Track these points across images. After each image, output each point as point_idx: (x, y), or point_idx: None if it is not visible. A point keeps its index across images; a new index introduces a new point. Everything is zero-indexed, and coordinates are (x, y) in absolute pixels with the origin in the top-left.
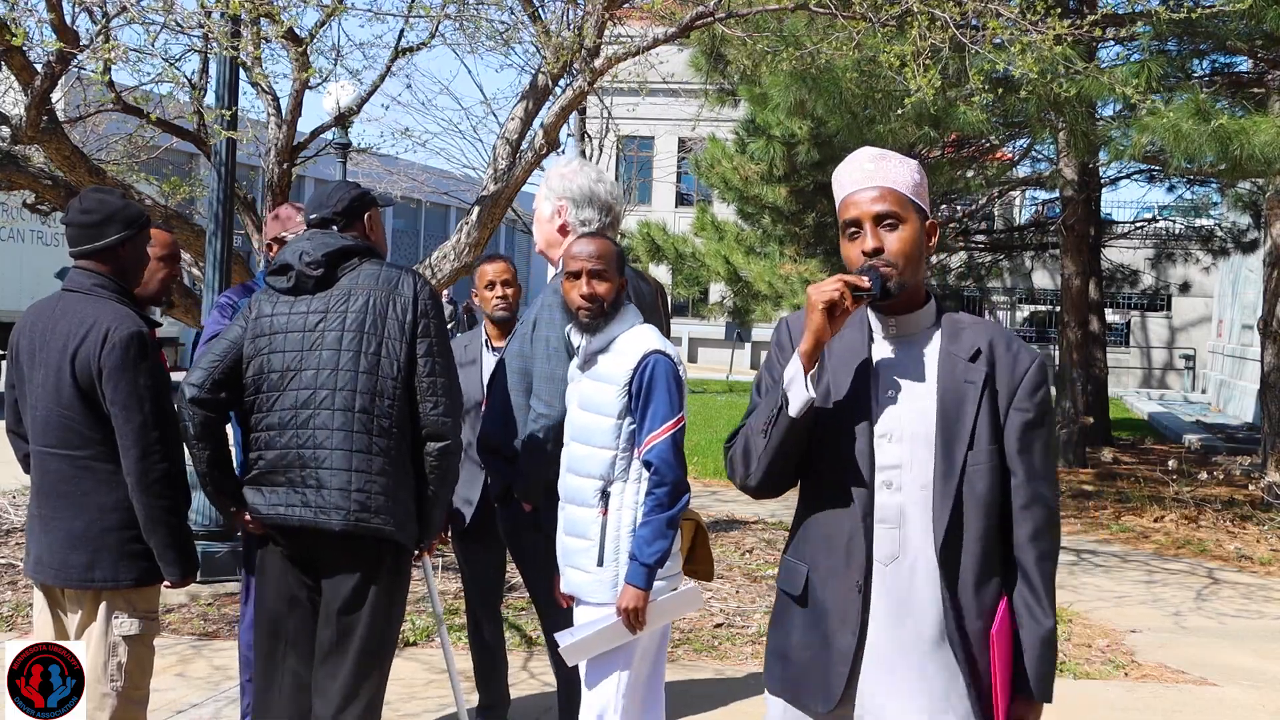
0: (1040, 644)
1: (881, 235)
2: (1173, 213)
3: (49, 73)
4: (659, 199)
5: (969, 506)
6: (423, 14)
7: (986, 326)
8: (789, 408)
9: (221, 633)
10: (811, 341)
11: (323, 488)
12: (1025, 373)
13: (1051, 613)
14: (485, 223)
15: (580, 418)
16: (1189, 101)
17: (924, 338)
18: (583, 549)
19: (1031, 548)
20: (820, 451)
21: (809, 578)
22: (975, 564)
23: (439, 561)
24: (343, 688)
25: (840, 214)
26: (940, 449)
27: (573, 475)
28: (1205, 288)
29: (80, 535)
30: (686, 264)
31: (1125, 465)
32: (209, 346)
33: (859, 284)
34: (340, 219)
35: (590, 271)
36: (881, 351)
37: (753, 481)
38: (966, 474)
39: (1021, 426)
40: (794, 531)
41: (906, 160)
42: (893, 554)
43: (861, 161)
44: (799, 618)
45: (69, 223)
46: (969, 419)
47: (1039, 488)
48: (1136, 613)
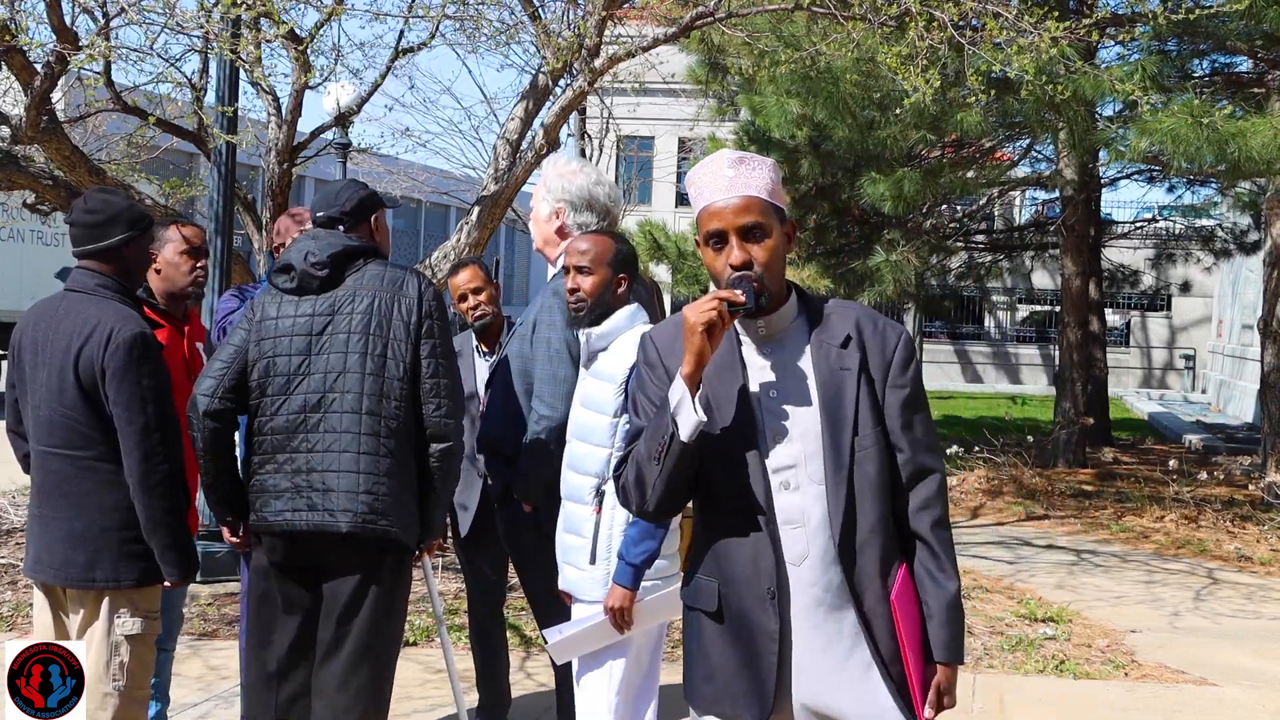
0: (946, 607)
1: (748, 248)
2: (1173, 213)
3: (49, 73)
4: (659, 199)
5: (862, 491)
6: (422, 15)
7: (850, 309)
8: (679, 433)
9: (220, 633)
10: (694, 364)
11: (330, 490)
12: (895, 349)
13: (955, 575)
14: (485, 223)
15: (581, 415)
16: (1185, 105)
17: (793, 332)
18: (578, 546)
19: (925, 515)
20: (712, 465)
21: (721, 592)
22: (875, 546)
23: (439, 562)
24: (345, 690)
25: (701, 224)
26: (828, 440)
27: (572, 472)
28: (1205, 288)
29: (81, 535)
30: (687, 263)
31: (1125, 465)
32: (215, 355)
33: (734, 299)
34: (347, 219)
35: (577, 267)
36: (753, 355)
37: (650, 507)
38: (856, 459)
39: (900, 404)
40: (698, 548)
41: (764, 161)
42: (802, 553)
43: (720, 167)
44: (716, 632)
45: (73, 222)
46: (850, 405)
47: (925, 460)
48: (1136, 613)
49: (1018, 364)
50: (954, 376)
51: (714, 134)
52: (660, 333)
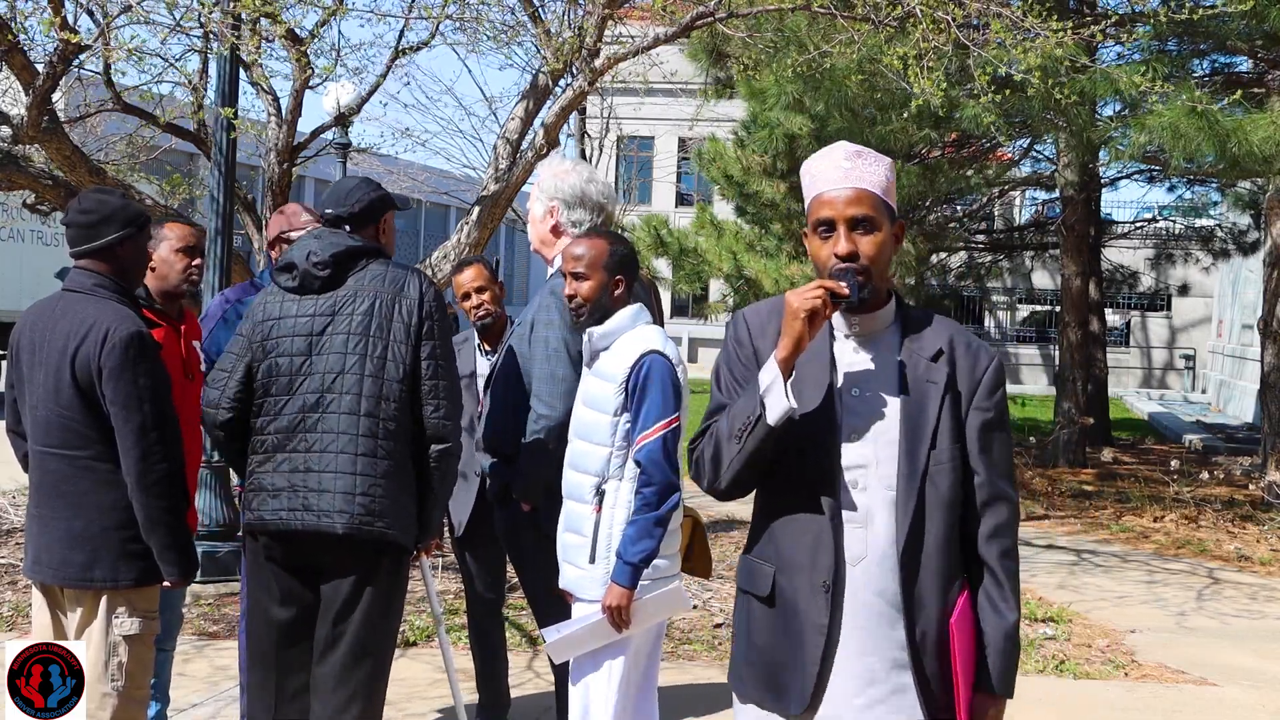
0: (1003, 638)
1: (856, 239)
2: (1173, 213)
3: (50, 72)
4: (659, 199)
5: (932, 505)
6: (423, 15)
7: (946, 325)
8: (767, 416)
9: (222, 633)
10: (791, 349)
11: (325, 491)
12: (985, 373)
13: (1016, 607)
14: (485, 222)
15: (583, 414)
16: (1185, 99)
17: (885, 336)
18: (578, 545)
19: (995, 544)
20: (786, 451)
21: (776, 578)
22: (938, 563)
23: (439, 562)
24: (342, 688)
25: (811, 211)
26: (904, 448)
27: (573, 471)
28: (1205, 288)
29: (80, 535)
30: (689, 259)
31: (1125, 465)
32: (219, 364)
33: (838, 290)
34: (355, 220)
35: (572, 273)
36: (843, 351)
37: (722, 485)
38: (929, 473)
39: (982, 426)
40: (756, 531)
41: (881, 158)
42: (860, 554)
43: (837, 159)
44: (766, 618)
45: (68, 223)
46: (931, 419)
47: (1001, 486)
48: (1136, 613)
49: (1018, 364)
50: None
51: (714, 134)
52: (753, 313)
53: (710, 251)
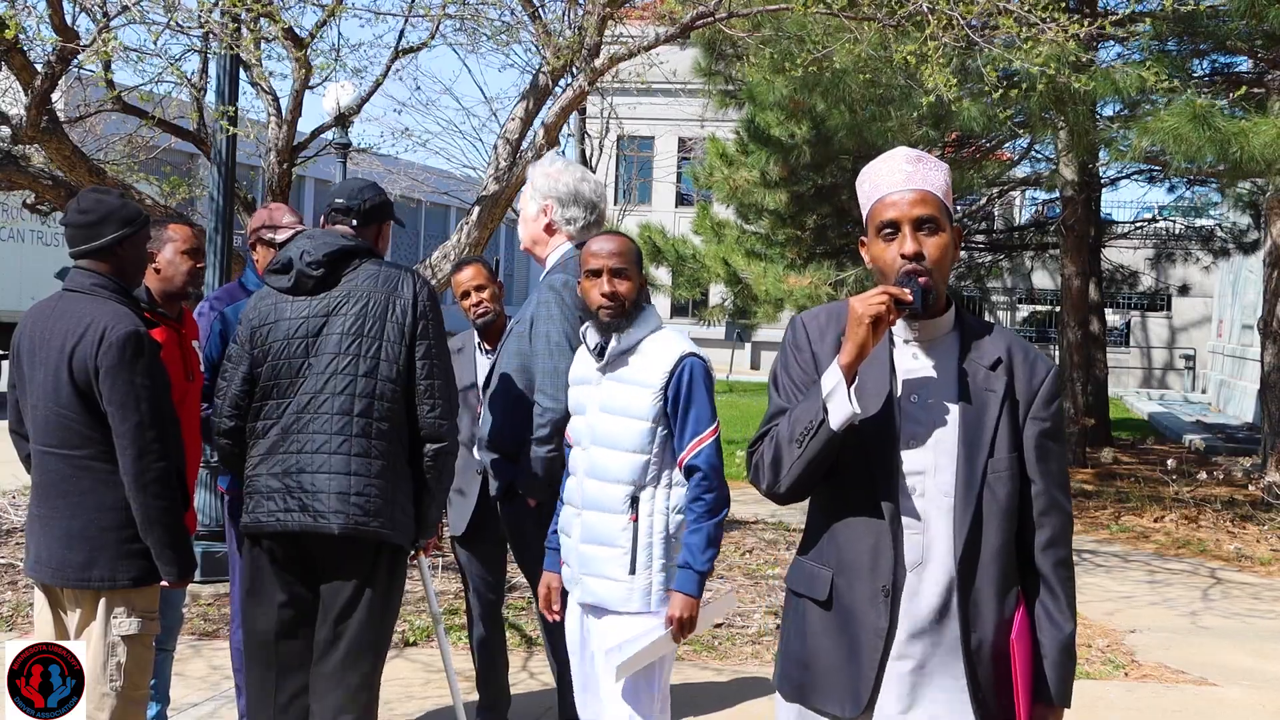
0: (1060, 649)
1: (922, 240)
2: (1173, 213)
3: (49, 72)
4: (659, 199)
5: (989, 514)
6: (422, 14)
7: (1003, 334)
8: (830, 420)
9: (220, 632)
10: (855, 354)
11: (320, 492)
12: (1042, 383)
13: (1072, 618)
14: (485, 223)
15: (603, 422)
16: (1185, 104)
17: (945, 343)
18: (610, 557)
19: (1051, 554)
20: (845, 456)
21: (834, 582)
22: (994, 571)
23: (439, 562)
24: (340, 688)
25: (874, 215)
26: (962, 456)
27: (595, 481)
28: (1205, 288)
29: (79, 534)
30: (687, 266)
31: (1125, 465)
32: (220, 374)
33: (902, 297)
34: (361, 216)
35: (612, 270)
36: (903, 356)
37: (781, 489)
38: (988, 481)
39: (1039, 436)
40: (812, 535)
41: (940, 164)
42: (917, 560)
43: (899, 162)
44: (822, 622)
45: (67, 223)
46: (990, 427)
47: (1057, 496)
48: (1136, 613)
49: None
50: None
51: (714, 134)
52: (811, 318)
53: (709, 257)
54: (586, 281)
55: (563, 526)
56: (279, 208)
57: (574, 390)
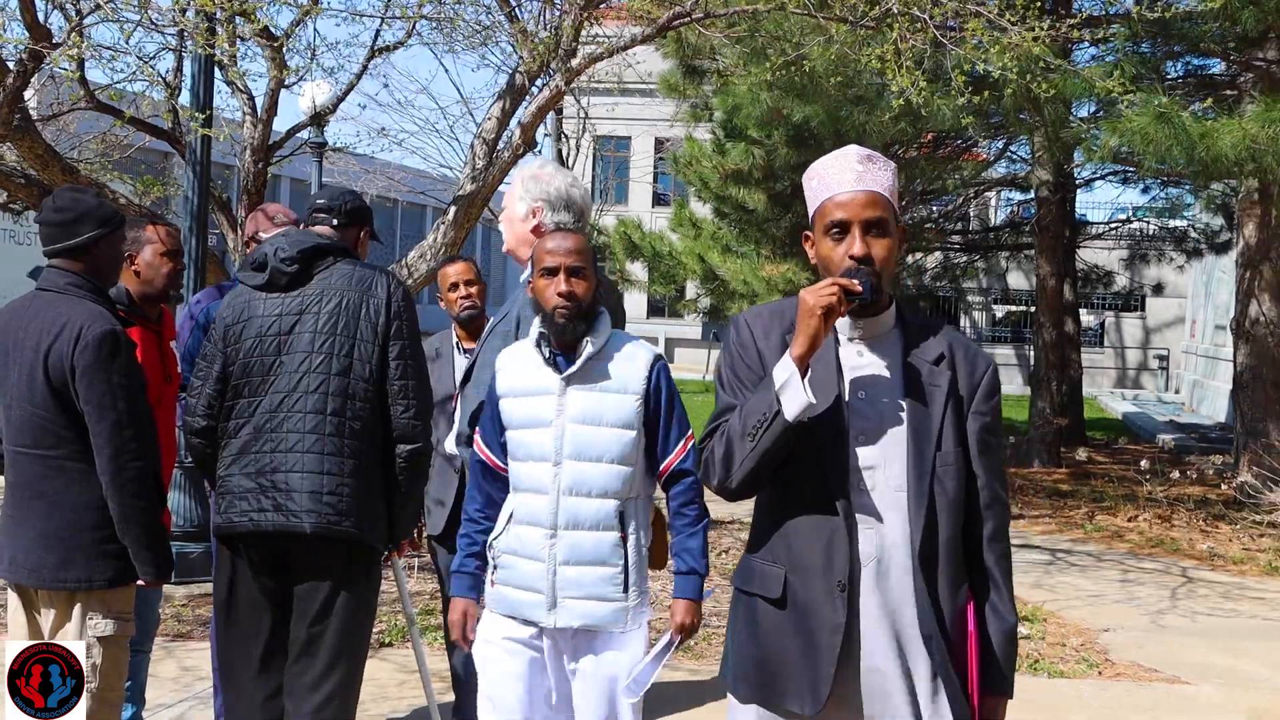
0: (1006, 640)
1: (870, 242)
2: (1146, 214)
3: (21, 70)
4: (635, 199)
5: (941, 507)
6: (399, 15)
7: (945, 331)
8: (785, 411)
9: (194, 634)
10: (807, 346)
11: (293, 491)
12: (982, 378)
13: (1014, 609)
14: (462, 222)
15: (581, 434)
16: (1150, 105)
17: (887, 340)
18: (604, 577)
19: (995, 547)
20: (795, 453)
21: (788, 579)
22: (948, 564)
23: (415, 563)
24: (316, 690)
25: (824, 213)
26: (912, 450)
27: (577, 498)
28: (1179, 288)
29: (54, 535)
30: (663, 262)
31: (1100, 465)
32: (195, 373)
33: (851, 288)
34: (343, 218)
35: (569, 269)
36: (848, 354)
37: (733, 484)
38: (937, 475)
39: (981, 430)
40: (762, 534)
41: (889, 163)
42: (871, 554)
43: (851, 161)
44: (776, 620)
45: (43, 221)
46: (937, 421)
47: (998, 490)
48: (1110, 611)
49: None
50: None
51: (690, 133)
52: (755, 316)
53: (685, 253)
54: (541, 280)
55: (511, 548)
56: (275, 208)
57: (522, 402)
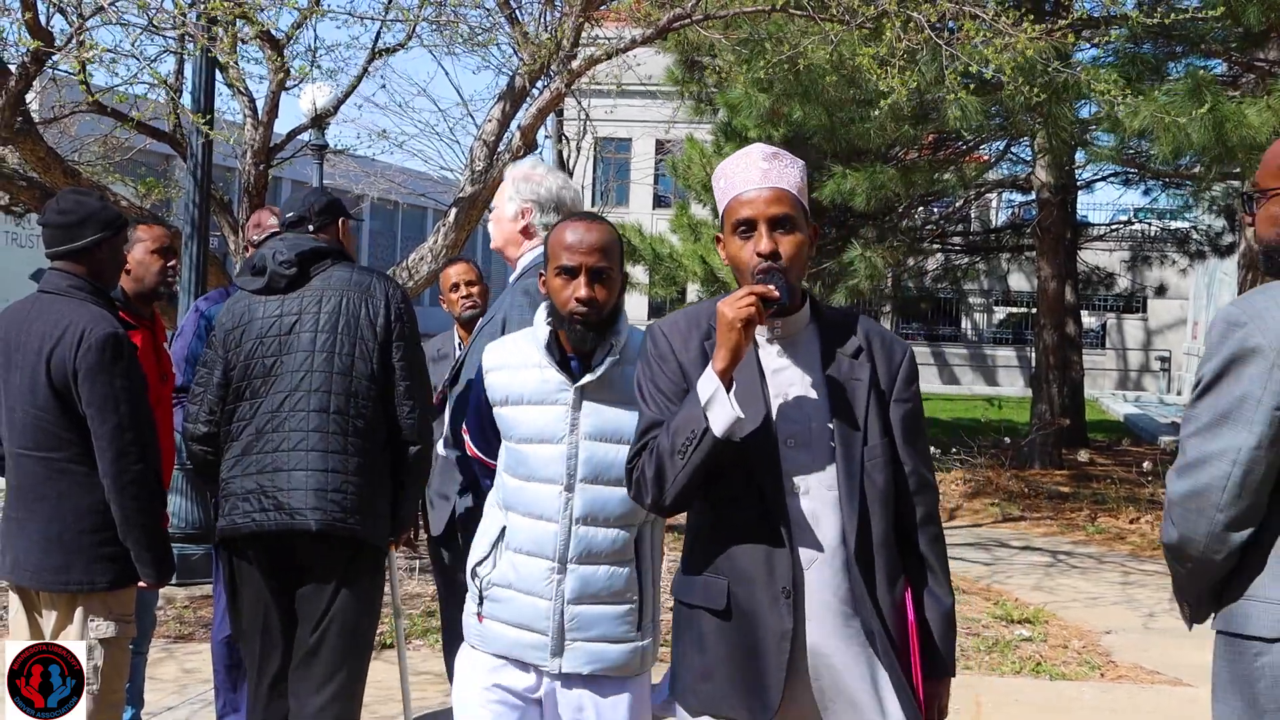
0: (944, 623)
1: (777, 239)
2: (1148, 215)
3: (23, 73)
4: (636, 201)
5: (872, 501)
6: (400, 17)
7: (860, 321)
8: (714, 428)
9: (196, 635)
10: (729, 359)
11: (297, 489)
12: (900, 364)
13: (950, 591)
14: (462, 224)
15: (597, 452)
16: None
17: (805, 337)
18: (617, 615)
19: (927, 530)
20: (725, 462)
21: (731, 590)
22: (885, 558)
23: (416, 564)
24: (324, 690)
25: (730, 213)
26: (841, 449)
27: (591, 527)
28: (1181, 290)
29: (55, 538)
30: (664, 265)
31: (1101, 467)
32: (195, 380)
33: (769, 295)
34: (316, 219)
35: (592, 270)
36: (768, 356)
37: (667, 501)
38: (866, 469)
39: (904, 416)
40: (700, 545)
41: (796, 160)
42: (813, 557)
43: (755, 159)
44: (721, 631)
45: (46, 223)
46: (861, 415)
47: (925, 474)
48: (1112, 613)
49: (994, 366)
50: (930, 378)
51: (691, 134)
52: (671, 325)
53: (686, 256)
54: (557, 279)
55: (505, 580)
56: (268, 211)
57: (526, 411)
